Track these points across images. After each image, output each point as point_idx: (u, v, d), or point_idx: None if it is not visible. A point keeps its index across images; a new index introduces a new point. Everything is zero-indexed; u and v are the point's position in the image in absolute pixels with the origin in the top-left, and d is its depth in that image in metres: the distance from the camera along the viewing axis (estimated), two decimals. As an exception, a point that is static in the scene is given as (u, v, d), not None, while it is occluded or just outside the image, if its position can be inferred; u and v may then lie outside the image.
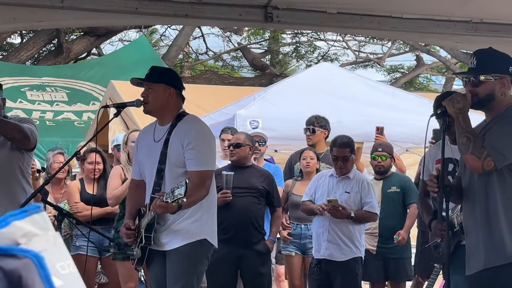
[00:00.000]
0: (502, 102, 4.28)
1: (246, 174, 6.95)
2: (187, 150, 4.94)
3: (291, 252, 7.71)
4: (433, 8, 6.05)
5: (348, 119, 8.75)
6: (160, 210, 4.78)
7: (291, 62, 25.04)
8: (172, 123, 5.08)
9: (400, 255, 7.57)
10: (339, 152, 6.85)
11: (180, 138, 4.98)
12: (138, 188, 5.26)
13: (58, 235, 1.14)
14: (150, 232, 4.99)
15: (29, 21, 6.02)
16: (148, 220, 4.98)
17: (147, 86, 5.08)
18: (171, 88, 5.09)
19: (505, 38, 6.28)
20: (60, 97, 15.21)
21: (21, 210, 1.14)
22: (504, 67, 4.32)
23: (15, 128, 5.22)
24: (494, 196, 4.19)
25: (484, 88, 4.27)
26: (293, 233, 7.68)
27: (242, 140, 7.04)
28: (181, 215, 4.95)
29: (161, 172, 5.01)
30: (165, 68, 6.19)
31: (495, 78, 4.27)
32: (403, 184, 7.66)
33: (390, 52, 23.48)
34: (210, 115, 9.66)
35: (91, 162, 7.53)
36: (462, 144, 4.19)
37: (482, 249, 4.22)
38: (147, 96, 5.06)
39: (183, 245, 4.99)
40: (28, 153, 5.47)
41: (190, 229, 4.99)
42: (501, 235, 4.16)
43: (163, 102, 5.07)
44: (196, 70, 24.30)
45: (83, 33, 19.77)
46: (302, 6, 5.94)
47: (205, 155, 5.01)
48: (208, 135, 5.18)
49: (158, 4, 5.68)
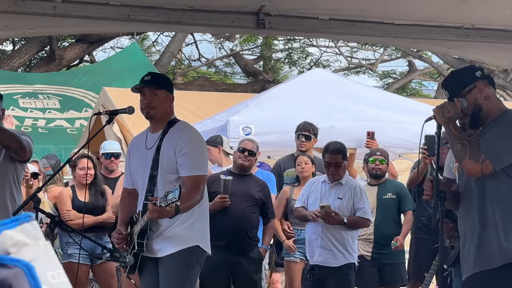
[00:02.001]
0: (492, 109, 4.30)
1: (245, 182, 6.97)
2: (180, 156, 4.95)
3: (296, 258, 7.66)
4: (424, 14, 6.07)
5: (341, 125, 8.75)
6: (155, 214, 4.77)
7: (284, 68, 25.05)
8: (163, 129, 5.09)
9: (394, 260, 7.58)
10: (331, 158, 6.85)
11: (172, 145, 4.99)
12: (130, 197, 5.28)
13: (49, 244, 1.14)
14: (142, 239, 4.99)
15: (21, 28, 6.02)
16: (141, 226, 4.97)
17: (151, 92, 5.08)
18: (171, 94, 5.15)
19: (496, 43, 6.31)
20: (53, 105, 15.17)
21: (11, 219, 1.14)
22: (470, 77, 4.36)
23: (13, 137, 5.25)
24: (490, 200, 4.21)
25: (468, 106, 4.29)
26: (297, 238, 7.65)
27: (255, 149, 7.08)
28: (173, 222, 4.96)
29: (153, 179, 5.01)
30: (162, 74, 6.23)
31: (468, 92, 4.29)
32: (399, 190, 7.67)
33: (382, 58, 23.51)
34: (203, 121, 9.66)
35: (82, 168, 7.51)
36: (457, 151, 4.20)
37: (476, 252, 4.23)
38: (151, 102, 5.06)
39: (176, 251, 4.99)
40: (22, 165, 5.48)
41: (182, 236, 4.99)
42: (496, 239, 4.17)
43: (166, 108, 5.12)
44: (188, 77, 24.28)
45: (75, 40, 19.73)
46: (294, 12, 5.95)
47: (198, 160, 5.03)
48: (199, 140, 5.20)
49: (150, 11, 5.68)
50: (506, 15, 5.94)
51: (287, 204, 7.70)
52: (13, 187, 5.39)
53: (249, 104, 9.62)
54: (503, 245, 4.16)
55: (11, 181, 5.37)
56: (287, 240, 7.65)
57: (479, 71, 4.40)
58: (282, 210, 7.70)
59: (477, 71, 4.40)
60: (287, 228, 7.68)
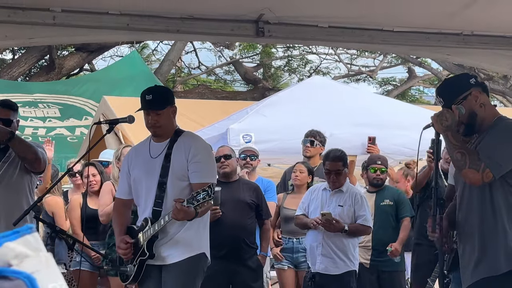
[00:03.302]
0: (486, 114, 4.29)
1: (234, 188, 6.96)
2: (192, 163, 5.03)
3: (283, 266, 7.69)
4: (424, 21, 6.08)
5: (341, 132, 8.75)
6: (181, 215, 4.79)
7: (284, 75, 25.06)
8: (171, 138, 5.15)
9: (393, 268, 7.57)
10: (332, 165, 6.85)
11: (185, 152, 5.06)
12: (124, 207, 5.33)
13: (50, 256, 1.14)
14: (151, 245, 5.02)
15: (21, 38, 6.03)
16: (152, 233, 4.99)
17: (154, 112, 5.12)
18: (174, 107, 5.21)
19: (495, 50, 6.31)
20: (53, 113, 15.18)
21: (13, 231, 1.14)
22: (464, 85, 4.35)
23: (30, 148, 5.38)
24: (491, 206, 4.20)
25: (463, 114, 4.28)
26: (285, 247, 7.66)
27: (230, 151, 7.11)
28: (180, 228, 5.01)
29: (163, 185, 5.06)
30: (163, 88, 6.25)
31: (463, 99, 4.28)
32: (396, 197, 7.67)
33: (382, 65, 23.52)
34: (203, 129, 9.66)
35: (87, 175, 7.59)
36: (457, 160, 4.19)
37: (478, 259, 4.22)
38: (157, 121, 5.11)
39: (183, 259, 5.03)
40: (35, 176, 5.63)
41: (190, 242, 5.05)
42: (501, 245, 4.16)
43: (171, 122, 5.20)
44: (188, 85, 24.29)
45: (75, 49, 19.74)
46: (293, 20, 5.96)
47: (209, 168, 5.15)
48: (209, 149, 5.38)
49: (150, 19, 5.70)
50: (506, 22, 5.95)
51: (279, 212, 7.72)
52: (29, 197, 5.52)
53: (249, 111, 9.63)
54: (509, 251, 4.14)
55: (27, 192, 5.51)
56: (275, 248, 7.68)
57: (473, 78, 4.40)
58: (276, 218, 7.70)
59: (471, 78, 4.39)
60: (276, 236, 7.69)
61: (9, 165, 5.43)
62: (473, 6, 5.59)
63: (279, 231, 7.75)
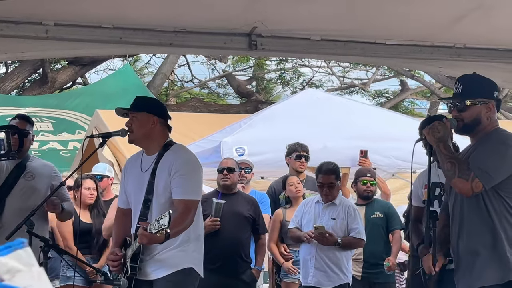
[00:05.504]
0: (487, 126, 4.31)
1: (233, 201, 6.95)
2: (174, 179, 4.91)
3: (294, 279, 7.63)
4: (416, 34, 6.09)
5: (334, 144, 8.75)
6: (145, 240, 4.71)
7: (276, 88, 25.07)
8: (159, 152, 5.06)
9: (385, 279, 7.58)
10: (324, 178, 6.85)
11: (168, 168, 4.95)
12: (124, 216, 5.24)
13: (43, 271, 1.13)
14: (135, 262, 4.95)
15: (13, 51, 6.03)
16: (134, 250, 4.94)
17: (131, 115, 5.09)
18: (154, 116, 5.08)
19: (488, 63, 6.33)
20: (46, 127, 15.15)
21: (5, 246, 1.13)
22: (489, 92, 4.36)
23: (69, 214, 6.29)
24: (481, 217, 4.20)
25: (470, 113, 4.29)
26: (295, 260, 7.59)
27: (234, 165, 7.08)
28: (167, 246, 4.89)
29: (147, 202, 4.98)
30: (149, 97, 6.24)
31: (480, 103, 4.30)
32: (386, 210, 7.69)
33: (374, 77, 23.56)
34: (196, 142, 9.65)
35: (87, 188, 7.60)
36: (447, 170, 4.20)
37: (474, 270, 4.21)
38: (131, 125, 5.07)
39: (170, 273, 4.95)
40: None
41: (175, 258, 4.96)
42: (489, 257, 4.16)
43: (146, 131, 5.06)
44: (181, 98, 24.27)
45: (68, 63, 19.73)
46: (286, 33, 5.97)
47: (191, 184, 4.97)
48: (195, 164, 5.15)
49: (143, 33, 5.70)
50: (498, 35, 5.97)
51: (282, 227, 7.65)
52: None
53: (242, 125, 9.63)
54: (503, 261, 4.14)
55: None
56: (286, 263, 7.62)
57: (497, 92, 4.43)
58: (277, 233, 7.67)
59: (496, 91, 4.42)
60: (283, 251, 7.65)
61: (31, 182, 6.00)
62: (465, 19, 5.61)
63: (286, 246, 7.69)
